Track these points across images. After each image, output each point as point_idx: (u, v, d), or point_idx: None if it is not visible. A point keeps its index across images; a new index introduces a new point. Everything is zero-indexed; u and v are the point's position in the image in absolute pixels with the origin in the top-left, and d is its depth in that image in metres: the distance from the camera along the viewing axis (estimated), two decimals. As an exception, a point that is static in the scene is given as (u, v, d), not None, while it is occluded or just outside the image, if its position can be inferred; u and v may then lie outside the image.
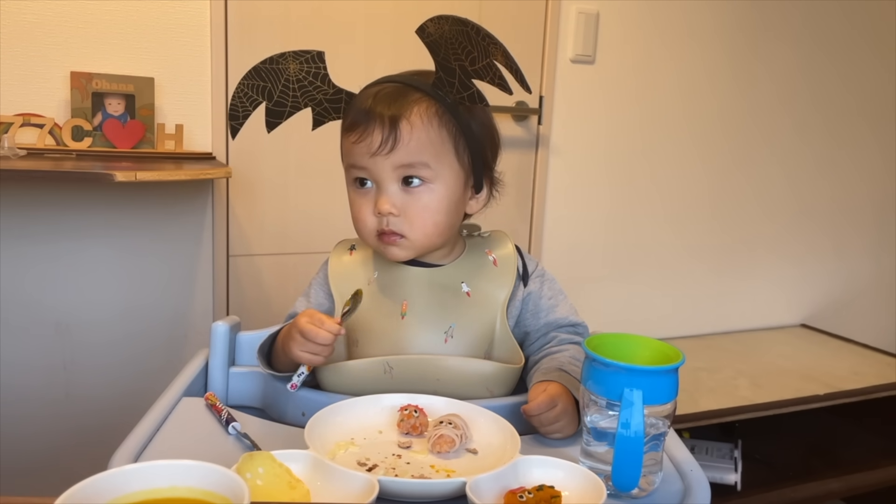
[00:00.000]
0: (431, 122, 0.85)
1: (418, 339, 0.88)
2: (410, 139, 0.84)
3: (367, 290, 0.91)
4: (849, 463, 1.93)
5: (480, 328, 0.90)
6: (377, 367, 0.84)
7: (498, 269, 0.93)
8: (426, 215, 0.87)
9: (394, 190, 0.86)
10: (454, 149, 0.87)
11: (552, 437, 0.79)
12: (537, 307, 0.95)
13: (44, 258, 1.55)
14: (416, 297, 0.90)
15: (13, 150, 1.39)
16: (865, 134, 2.46)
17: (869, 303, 2.60)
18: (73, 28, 1.51)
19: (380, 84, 0.88)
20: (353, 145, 0.86)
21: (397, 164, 0.85)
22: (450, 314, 0.89)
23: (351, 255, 0.96)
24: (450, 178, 0.87)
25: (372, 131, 0.84)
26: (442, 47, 0.83)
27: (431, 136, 0.86)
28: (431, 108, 0.86)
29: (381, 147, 0.84)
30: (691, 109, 2.16)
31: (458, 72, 0.83)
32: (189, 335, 1.69)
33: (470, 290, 0.91)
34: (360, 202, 0.88)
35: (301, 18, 1.68)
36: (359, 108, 0.86)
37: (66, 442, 1.60)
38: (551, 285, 0.96)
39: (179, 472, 0.51)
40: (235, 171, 1.64)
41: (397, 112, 0.84)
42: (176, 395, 0.85)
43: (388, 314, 0.89)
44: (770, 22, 2.21)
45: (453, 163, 0.87)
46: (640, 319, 2.21)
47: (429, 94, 0.86)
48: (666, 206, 2.19)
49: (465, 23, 0.81)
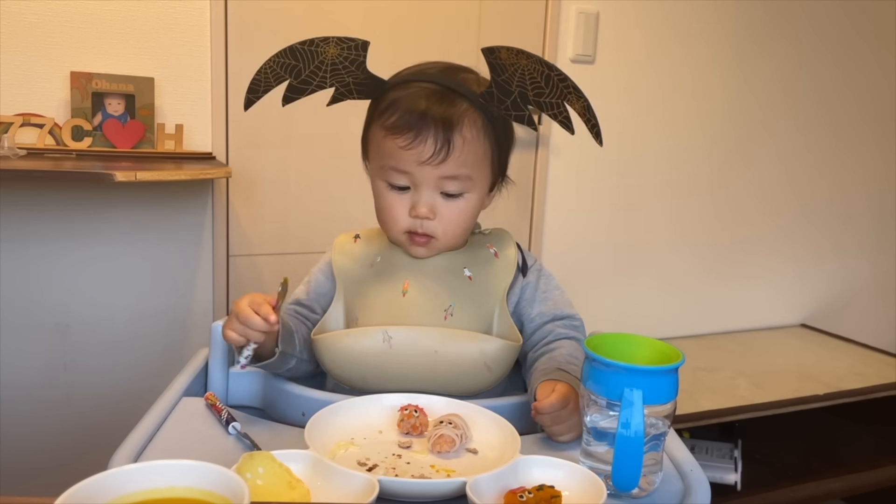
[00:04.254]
0: (479, 135, 0.87)
1: (419, 316, 0.88)
2: (461, 152, 0.85)
3: (369, 270, 0.92)
4: (849, 463, 1.93)
5: (480, 310, 0.91)
6: (376, 337, 0.85)
7: (499, 260, 0.95)
8: (459, 220, 0.89)
9: (433, 195, 0.87)
10: (490, 159, 0.90)
11: (560, 438, 0.78)
12: (533, 297, 0.96)
13: (44, 258, 1.55)
14: (419, 277, 0.91)
15: (13, 150, 1.39)
16: (865, 134, 2.46)
17: (869, 303, 2.60)
18: (73, 28, 1.51)
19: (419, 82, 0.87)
20: (401, 150, 0.85)
21: (444, 174, 0.85)
22: (451, 293, 0.90)
23: (355, 243, 0.97)
24: (483, 185, 0.90)
25: (425, 139, 0.84)
26: (507, 71, 0.82)
27: (477, 149, 0.87)
28: (479, 121, 0.86)
29: (433, 157, 0.84)
30: (691, 109, 2.16)
31: (515, 94, 0.83)
32: (189, 335, 1.69)
33: (472, 274, 0.92)
34: (393, 200, 0.88)
35: (301, 18, 1.68)
36: (409, 110, 0.85)
37: (66, 442, 1.60)
38: (547, 279, 0.98)
39: (179, 472, 0.51)
40: (235, 171, 1.64)
41: (451, 123, 0.84)
42: (176, 395, 0.85)
43: (389, 291, 0.90)
44: (770, 22, 2.20)
45: (488, 172, 0.90)
46: (640, 319, 2.21)
47: (475, 104, 0.86)
48: (666, 205, 2.19)
49: (551, 67, 0.79)
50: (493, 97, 0.85)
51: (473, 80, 0.89)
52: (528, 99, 0.83)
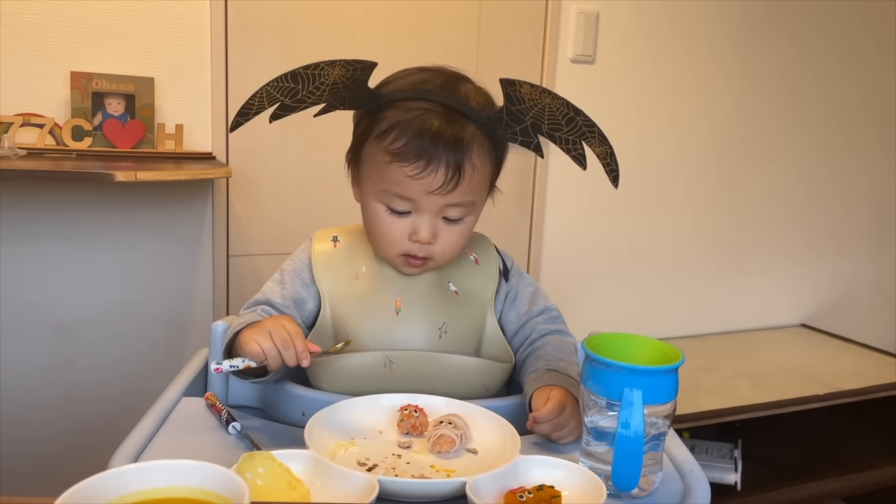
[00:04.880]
0: (485, 160, 0.85)
1: (414, 335, 0.88)
2: (470, 181, 0.84)
3: (355, 283, 0.91)
4: (849, 463, 1.93)
5: (471, 324, 0.92)
6: (378, 362, 0.84)
7: (480, 267, 0.95)
8: (458, 243, 0.88)
9: (435, 221, 0.86)
10: (490, 182, 0.90)
11: (562, 442, 0.78)
12: (514, 298, 0.97)
13: (44, 258, 1.54)
14: (410, 294, 0.90)
15: (13, 150, 1.38)
16: (866, 134, 2.45)
17: (869, 303, 2.59)
18: (73, 28, 1.50)
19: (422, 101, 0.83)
20: (408, 178, 0.81)
21: (450, 202, 0.84)
22: (443, 311, 0.90)
23: (335, 247, 0.94)
24: (481, 206, 0.90)
25: (436, 169, 0.81)
26: (525, 104, 0.79)
27: (483, 175, 0.86)
28: (485, 146, 0.85)
29: (443, 187, 0.82)
30: (691, 109, 2.16)
31: (527, 124, 0.81)
32: (189, 335, 1.69)
33: (457, 289, 0.92)
34: (392, 223, 0.86)
35: (301, 18, 1.68)
36: (418, 136, 0.81)
37: (66, 442, 1.60)
38: (522, 277, 0.99)
39: (179, 472, 0.50)
40: (235, 171, 1.64)
41: (462, 151, 0.82)
42: (176, 395, 0.85)
43: (382, 309, 0.89)
44: (770, 22, 2.20)
45: (486, 193, 0.90)
46: (640, 319, 2.21)
47: (481, 128, 0.84)
48: (666, 206, 2.19)
49: (578, 111, 0.77)
50: (501, 122, 0.83)
51: (473, 91, 0.87)
52: (542, 130, 0.81)
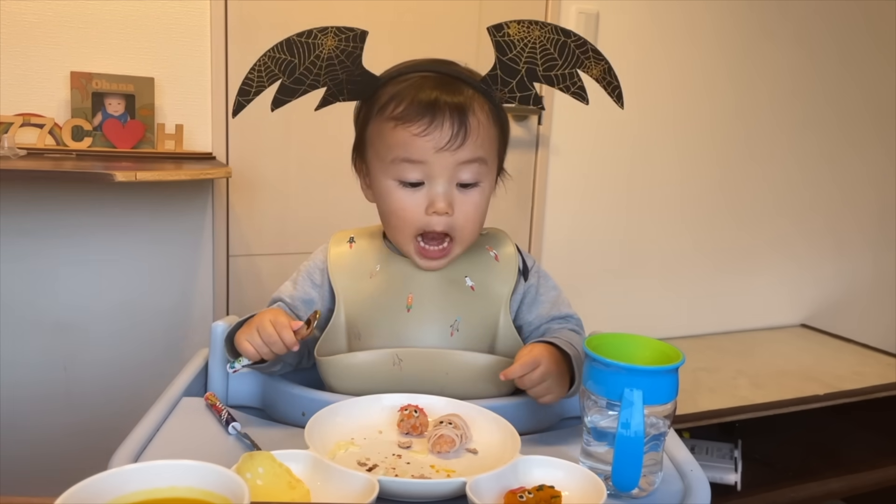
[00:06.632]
0: (488, 119, 0.85)
1: (425, 333, 0.87)
2: (478, 135, 0.82)
3: (369, 282, 0.90)
4: (849, 463, 1.93)
5: (485, 322, 0.89)
6: (386, 360, 0.83)
7: (500, 264, 0.93)
8: (476, 215, 0.86)
9: (449, 188, 0.84)
10: (497, 147, 0.88)
11: (542, 400, 0.79)
12: (533, 300, 0.95)
13: (44, 258, 1.54)
14: (422, 291, 0.89)
15: (13, 150, 1.38)
16: (866, 135, 2.45)
17: (869, 303, 2.59)
18: (73, 28, 1.50)
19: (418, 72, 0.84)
20: (416, 138, 0.81)
21: (462, 159, 0.82)
22: (455, 308, 0.88)
23: (350, 248, 0.95)
24: (493, 176, 0.89)
25: (441, 124, 0.81)
26: (515, 48, 0.79)
27: (490, 132, 0.85)
28: (485, 107, 0.85)
29: (451, 141, 0.81)
30: (691, 109, 2.16)
31: (521, 72, 0.81)
32: (189, 335, 1.69)
33: (474, 284, 0.90)
34: (407, 199, 0.84)
35: (301, 18, 1.68)
36: (418, 96, 0.82)
37: (66, 442, 1.60)
38: (545, 280, 0.97)
39: (179, 472, 0.50)
40: (235, 171, 1.64)
41: (464, 105, 0.81)
42: (176, 395, 0.85)
43: (393, 307, 0.88)
44: (770, 22, 2.20)
45: (496, 159, 0.88)
46: (640, 319, 2.21)
47: (478, 90, 0.84)
48: (666, 206, 2.19)
49: (568, 34, 0.77)
50: (496, 80, 0.83)
51: (466, 70, 0.88)
52: (537, 75, 0.81)
